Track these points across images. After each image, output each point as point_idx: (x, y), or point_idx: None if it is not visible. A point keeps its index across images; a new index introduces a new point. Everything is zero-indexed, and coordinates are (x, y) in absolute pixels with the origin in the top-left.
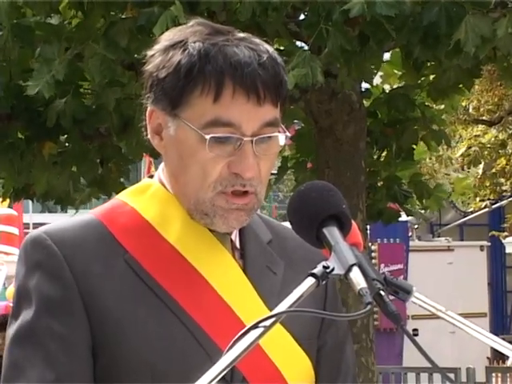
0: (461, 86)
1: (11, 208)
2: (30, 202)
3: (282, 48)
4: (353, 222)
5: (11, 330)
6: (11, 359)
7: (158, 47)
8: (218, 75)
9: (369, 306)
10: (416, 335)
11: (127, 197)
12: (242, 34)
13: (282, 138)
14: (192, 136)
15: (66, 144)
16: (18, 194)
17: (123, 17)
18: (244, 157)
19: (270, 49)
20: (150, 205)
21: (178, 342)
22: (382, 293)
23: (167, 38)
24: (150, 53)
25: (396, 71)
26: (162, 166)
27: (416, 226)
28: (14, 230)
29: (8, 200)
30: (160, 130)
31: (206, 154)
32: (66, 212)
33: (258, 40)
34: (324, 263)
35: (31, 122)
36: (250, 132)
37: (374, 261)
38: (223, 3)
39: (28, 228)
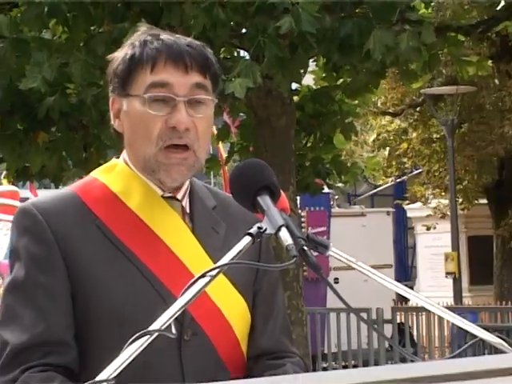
0: (370, 86)
1: (27, 189)
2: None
3: (228, 56)
4: (281, 191)
5: (6, 282)
6: (6, 304)
7: (119, 50)
8: (153, 53)
9: (294, 259)
10: (337, 283)
11: (98, 174)
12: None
13: (212, 103)
14: (137, 103)
15: (57, 133)
16: (20, 175)
17: (101, 31)
18: (178, 112)
19: (202, 44)
20: (116, 180)
21: (140, 291)
22: (305, 248)
23: (127, 43)
24: (113, 56)
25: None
26: (125, 149)
27: (336, 197)
28: (17, 203)
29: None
30: (119, 114)
31: (148, 114)
32: (58, 188)
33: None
34: (258, 225)
35: (27, 116)
36: (183, 93)
37: (303, 225)
38: (180, 20)
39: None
